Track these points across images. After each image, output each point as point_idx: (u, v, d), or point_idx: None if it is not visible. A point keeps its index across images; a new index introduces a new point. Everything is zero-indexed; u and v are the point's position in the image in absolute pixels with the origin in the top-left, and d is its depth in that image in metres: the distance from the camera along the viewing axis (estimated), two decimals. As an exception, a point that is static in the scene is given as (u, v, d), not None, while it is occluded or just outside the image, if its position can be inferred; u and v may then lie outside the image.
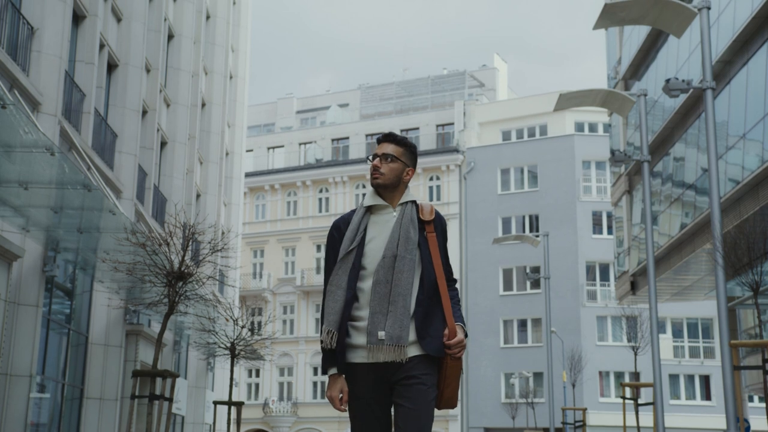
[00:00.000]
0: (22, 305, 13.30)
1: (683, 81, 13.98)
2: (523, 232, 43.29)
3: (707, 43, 13.55)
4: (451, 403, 3.71)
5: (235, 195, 32.35)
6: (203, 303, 16.16)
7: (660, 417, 16.20)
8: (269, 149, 52.88)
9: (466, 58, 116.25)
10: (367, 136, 50.26)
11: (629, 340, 24.79)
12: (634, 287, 26.48)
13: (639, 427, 19.69)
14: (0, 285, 12.41)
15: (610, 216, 39.91)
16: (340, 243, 3.74)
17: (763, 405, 33.39)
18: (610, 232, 40.56)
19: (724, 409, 13.08)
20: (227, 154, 31.08)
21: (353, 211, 3.82)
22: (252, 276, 48.61)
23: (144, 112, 20.33)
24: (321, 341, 3.68)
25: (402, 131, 48.04)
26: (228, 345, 18.71)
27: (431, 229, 3.76)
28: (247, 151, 46.08)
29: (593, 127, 45.87)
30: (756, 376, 20.13)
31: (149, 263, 12.95)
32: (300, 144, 52.16)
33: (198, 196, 26.63)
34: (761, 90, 16.78)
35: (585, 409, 26.24)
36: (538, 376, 41.19)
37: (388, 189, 3.78)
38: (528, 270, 42.54)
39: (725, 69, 18.26)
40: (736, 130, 17.85)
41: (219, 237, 15.28)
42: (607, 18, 13.71)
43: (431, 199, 46.17)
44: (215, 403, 19.97)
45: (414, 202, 3.81)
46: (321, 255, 47.96)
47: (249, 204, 49.43)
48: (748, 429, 17.33)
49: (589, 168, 44.03)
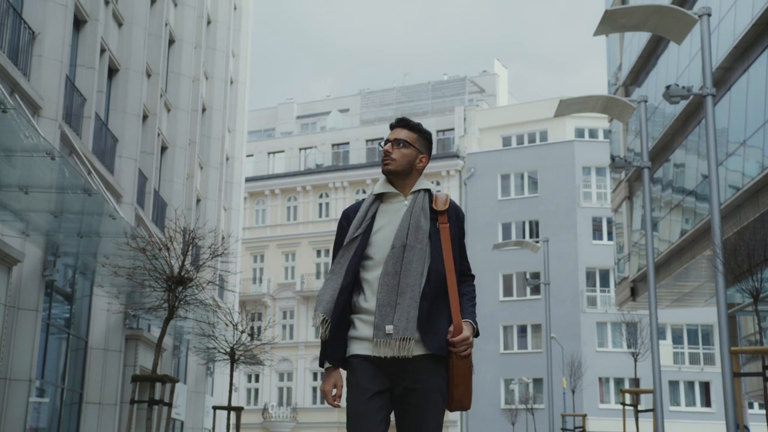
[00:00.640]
0: (21, 309, 13.29)
1: (683, 87, 13.98)
2: (523, 237, 43.27)
3: (707, 50, 13.56)
4: (464, 405, 3.49)
5: (236, 200, 32.36)
6: (203, 308, 16.14)
7: (660, 424, 16.17)
8: (269, 154, 52.90)
9: (466, 63, 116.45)
10: (368, 141, 50.29)
11: (629, 346, 24.74)
12: (634, 293, 26.47)
13: (639, 434, 19.63)
14: (0, 289, 12.40)
15: (610, 222, 39.92)
16: (347, 232, 3.58)
17: (764, 412, 33.30)
18: (610, 238, 40.55)
19: (724, 416, 13.07)
20: (227, 159, 31.09)
21: (364, 200, 3.66)
22: (252, 281, 48.59)
23: (144, 116, 20.34)
24: (316, 329, 3.59)
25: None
26: (227, 350, 18.69)
27: (444, 220, 3.56)
28: (248, 156, 46.09)
29: (593, 133, 45.90)
30: (756, 382, 20.09)
31: (149, 268, 12.93)
32: (300, 149, 52.19)
33: (198, 200, 26.63)
34: (761, 97, 16.79)
35: (585, 416, 26.20)
36: (537, 382, 41.15)
37: (399, 176, 3.59)
38: (528, 276, 42.48)
39: (725, 75, 18.27)
40: (736, 136, 17.85)
41: (219, 242, 15.27)
42: (608, 24, 13.71)
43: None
44: (215, 408, 19.94)
45: (428, 190, 3.62)
46: (321, 260, 47.96)
47: (249, 209, 49.44)
48: (748, 436, 17.29)
49: (590, 174, 44.04)
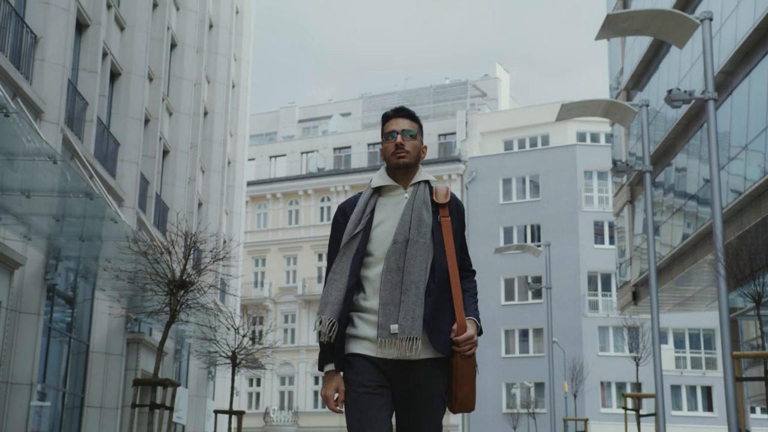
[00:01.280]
0: (23, 313, 13.30)
1: (685, 92, 13.99)
2: (525, 241, 43.25)
3: (709, 54, 13.56)
4: (467, 407, 3.35)
5: (237, 204, 32.38)
6: (204, 312, 16.15)
7: (662, 428, 16.15)
8: (271, 158, 52.93)
9: (468, 68, 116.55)
10: (369, 145, 50.31)
11: (631, 350, 24.72)
12: (635, 297, 26.45)
13: (640, 438, 19.62)
14: (1, 293, 12.41)
15: (611, 226, 39.90)
16: (344, 228, 3.42)
17: (766, 416, 33.30)
18: (611, 242, 40.53)
19: (726, 421, 13.04)
20: (229, 162, 31.11)
21: (360, 194, 3.50)
22: (253, 285, 48.58)
23: (146, 120, 20.36)
24: (319, 333, 3.33)
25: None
26: (229, 354, 18.68)
27: (445, 213, 3.42)
28: (249, 160, 46.11)
29: (595, 137, 45.89)
30: (758, 387, 20.07)
31: (151, 272, 12.94)
32: (302, 153, 52.21)
33: (200, 204, 26.64)
34: (763, 101, 16.79)
35: (586, 420, 26.17)
36: (539, 386, 41.10)
37: (409, 168, 3.43)
38: (529, 280, 42.51)
39: (727, 80, 18.27)
40: (738, 140, 17.85)
41: (220, 246, 15.28)
42: (609, 29, 13.72)
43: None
44: (216, 413, 19.92)
45: (427, 182, 3.47)
46: (323, 264, 47.95)
47: (250, 213, 49.44)
48: (750, 440, 17.26)
49: (591, 178, 44.03)
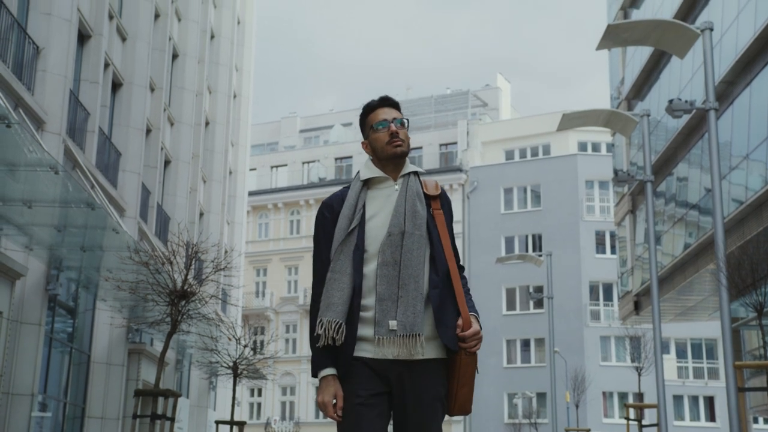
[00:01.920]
0: (24, 324, 13.29)
1: (686, 102, 14.00)
2: (526, 251, 43.22)
3: (710, 64, 13.58)
4: (466, 409, 3.20)
5: (238, 214, 32.39)
6: (206, 322, 16.13)
7: (664, 438, 16.09)
8: (272, 168, 52.97)
9: (469, 78, 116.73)
10: (371, 155, 50.32)
11: (633, 360, 24.65)
12: (637, 307, 26.41)
13: (643, 449, 19.54)
14: (2, 303, 12.40)
15: (613, 236, 39.86)
16: (332, 225, 3.23)
17: (768, 426, 33.17)
18: (613, 251, 40.48)
19: (728, 431, 12.99)
20: (230, 172, 31.14)
21: (346, 188, 3.32)
22: (255, 295, 48.55)
23: (148, 130, 20.39)
24: (316, 336, 3.12)
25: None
26: (230, 364, 18.65)
27: (437, 206, 3.30)
28: (251, 170, 46.15)
29: (596, 147, 45.91)
30: (761, 397, 20.02)
31: (152, 282, 12.93)
32: (303, 163, 52.25)
33: (201, 214, 26.65)
34: (764, 110, 16.80)
35: (588, 430, 26.09)
36: (541, 396, 41.00)
37: (403, 159, 3.30)
38: (531, 290, 42.46)
39: (728, 90, 18.29)
40: (739, 150, 17.86)
41: (222, 256, 15.28)
42: (610, 39, 13.75)
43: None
44: (217, 423, 19.86)
45: (416, 173, 3.33)
46: (324, 274, 47.86)
47: (252, 223, 49.46)
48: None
49: (592, 188, 44.03)
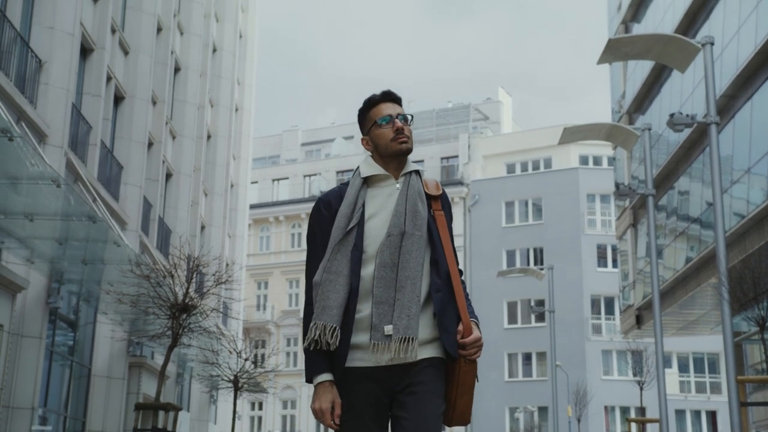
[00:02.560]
0: (25, 337, 13.27)
1: (687, 116, 14.02)
2: (528, 265, 43.17)
3: (711, 79, 13.60)
4: (464, 419, 3.05)
5: (240, 227, 32.39)
6: (207, 335, 16.11)
7: (666, 453, 16.02)
8: (274, 181, 53.02)
9: (470, 91, 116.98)
10: (372, 168, 50.37)
11: (635, 374, 24.60)
12: (639, 321, 26.36)
13: (645, 464, 19.48)
14: (3, 317, 12.39)
15: (614, 249, 39.83)
16: (329, 222, 3.07)
17: (771, 441, 33.03)
18: (614, 265, 40.44)
19: (731, 446, 12.93)
20: (232, 186, 31.17)
21: (344, 185, 3.16)
22: (256, 308, 48.49)
23: (150, 144, 20.43)
24: (310, 341, 2.95)
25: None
26: (231, 378, 18.63)
27: (438, 207, 3.16)
28: (252, 183, 46.20)
29: (597, 161, 45.95)
30: (764, 412, 19.95)
31: (153, 295, 12.94)
32: (305, 176, 52.32)
33: (203, 227, 26.66)
34: (766, 124, 16.82)
35: (590, 445, 25.97)
36: (542, 410, 40.86)
37: (406, 156, 3.15)
38: (532, 303, 42.37)
39: (729, 103, 18.32)
40: (740, 164, 17.86)
41: (223, 269, 15.28)
42: (611, 53, 13.77)
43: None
44: (218, 437, 19.83)
45: (418, 172, 3.18)
46: (325, 287, 47.78)
47: (253, 236, 49.46)
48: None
49: (594, 201, 44.03)
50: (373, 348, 2.92)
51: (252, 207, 45.30)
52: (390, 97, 3.19)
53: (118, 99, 18.90)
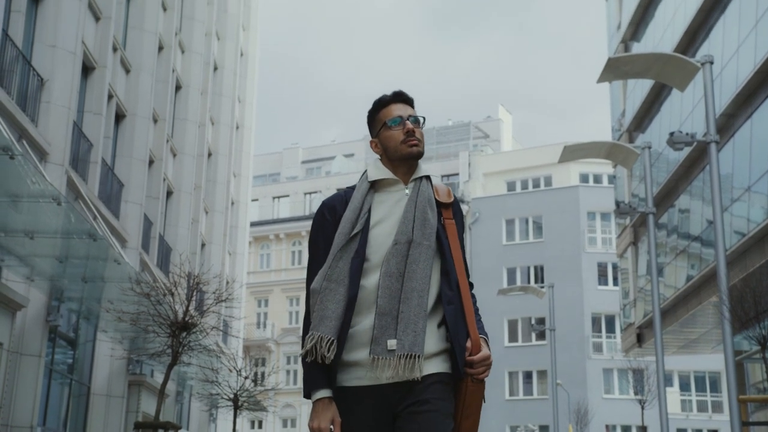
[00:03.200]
0: (24, 355, 13.23)
1: (687, 134, 14.05)
2: (528, 283, 43.11)
3: (711, 98, 13.63)
4: None
5: (240, 244, 32.39)
6: (206, 353, 16.08)
7: (668, 473, 15.94)
8: (274, 199, 53.06)
9: (471, 109, 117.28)
10: (373, 186, 50.45)
11: (636, 393, 24.54)
12: (640, 339, 26.29)
13: (647, 483, 19.39)
14: (3, 335, 12.36)
15: (615, 267, 39.79)
16: (333, 228, 2.89)
17: (773, 460, 32.85)
18: (615, 283, 40.39)
19: (733, 466, 12.86)
20: (232, 203, 31.19)
21: (350, 189, 3.00)
22: (256, 326, 48.38)
23: (150, 161, 20.46)
24: (305, 352, 2.79)
25: (407, 181, 48.17)
26: (231, 396, 18.57)
27: (449, 215, 2.98)
28: (253, 201, 46.24)
29: (598, 179, 46.00)
30: (765, 431, 19.84)
31: (153, 313, 12.92)
32: (305, 193, 52.36)
33: (203, 245, 26.65)
34: (766, 143, 16.85)
35: (592, 464, 25.86)
36: (543, 429, 40.68)
37: (417, 160, 2.97)
38: (533, 321, 42.29)
39: (729, 122, 18.35)
40: (741, 182, 17.88)
41: (223, 287, 15.27)
42: (611, 72, 13.82)
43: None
44: (217, 456, 19.74)
45: (429, 178, 2.99)
46: (325, 305, 47.70)
47: (254, 253, 49.43)
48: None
49: (594, 219, 44.04)
50: (373, 363, 2.72)
51: (252, 224, 45.31)
52: (401, 98, 3.02)
53: (119, 117, 18.95)
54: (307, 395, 2.79)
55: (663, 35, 24.09)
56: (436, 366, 2.78)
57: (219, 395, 19.40)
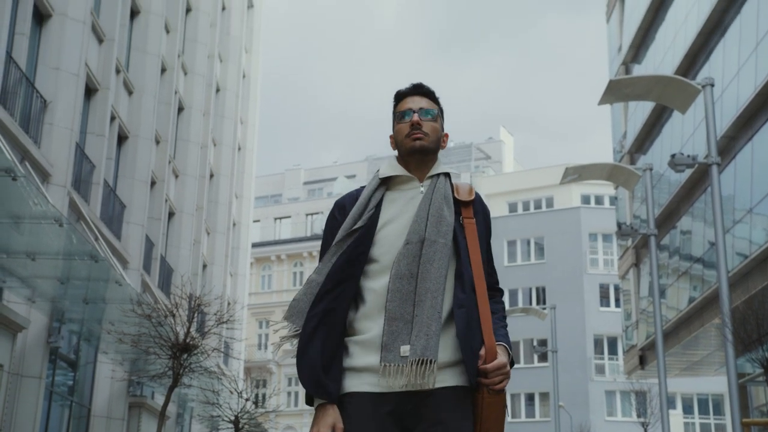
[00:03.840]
0: (25, 377, 13.19)
1: (688, 156, 14.07)
2: (530, 304, 43.02)
3: (711, 120, 13.67)
4: None
5: (242, 265, 32.36)
6: (207, 375, 16.02)
7: (671, 496, 15.82)
8: (276, 220, 53.07)
9: (472, 131, 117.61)
10: (374, 207, 50.47)
11: (639, 415, 24.41)
12: (642, 361, 26.18)
13: (650, 507, 19.24)
14: (4, 356, 12.33)
15: (617, 289, 39.71)
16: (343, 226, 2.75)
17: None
18: (617, 305, 40.30)
19: (737, 490, 12.77)
20: (234, 224, 31.20)
21: (363, 187, 2.84)
22: (257, 347, 48.24)
23: (152, 182, 20.49)
24: (283, 339, 2.68)
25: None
26: (232, 418, 18.47)
27: (469, 214, 2.76)
28: (254, 222, 46.24)
29: (599, 200, 46.01)
30: (769, 454, 19.70)
31: (154, 335, 12.90)
32: (307, 215, 52.38)
33: (204, 266, 26.62)
34: (767, 165, 16.86)
35: (594, 487, 25.68)
36: (546, 451, 40.45)
37: (427, 155, 2.78)
38: (535, 343, 42.15)
39: (730, 144, 18.38)
40: (742, 204, 17.88)
41: (225, 308, 15.24)
42: (612, 94, 13.86)
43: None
44: (217, 479, 19.62)
45: (448, 175, 2.82)
46: (327, 326, 47.58)
47: (255, 274, 49.37)
48: None
49: (596, 240, 44.01)
50: (385, 370, 2.52)
51: (254, 246, 45.28)
52: (418, 90, 2.84)
53: (121, 138, 19.00)
54: (310, 401, 2.63)
55: (664, 58, 24.19)
56: (452, 378, 2.57)
57: (220, 417, 19.29)
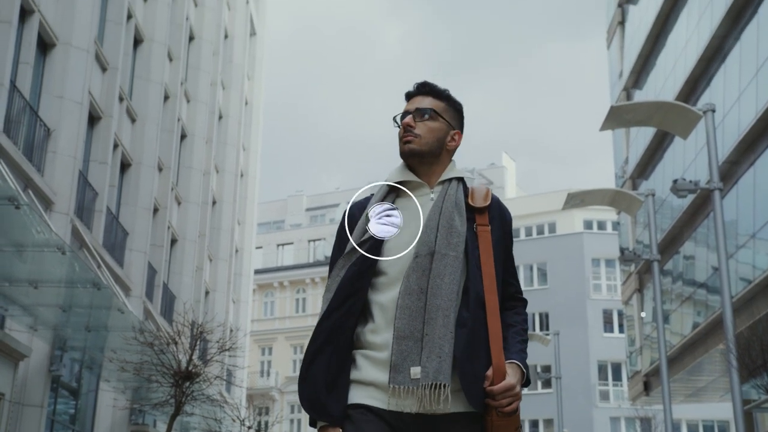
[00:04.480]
0: (26, 406, 13.14)
1: (690, 182, 14.07)
2: (533, 330, 42.84)
3: (713, 145, 13.68)
4: None
5: (244, 292, 32.31)
6: (210, 403, 15.94)
7: None
8: (278, 246, 53.05)
9: (474, 157, 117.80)
10: (377, 233, 50.44)
11: (644, 442, 24.20)
12: (647, 387, 26.03)
13: None
14: (5, 385, 12.29)
15: (621, 314, 39.57)
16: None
17: None
18: (621, 330, 40.13)
19: None
20: (237, 251, 31.19)
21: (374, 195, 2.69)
22: (260, 374, 48.02)
23: (155, 209, 20.52)
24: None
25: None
26: (234, 447, 18.35)
27: (484, 221, 2.57)
28: (257, 248, 46.22)
29: (602, 225, 45.98)
30: (776, 481, 19.54)
31: (156, 363, 12.86)
32: (309, 241, 52.36)
33: (207, 293, 26.58)
34: (769, 190, 16.86)
35: None
36: (551, 479, 40.11)
37: (424, 159, 2.59)
38: (539, 369, 41.93)
39: (732, 169, 18.40)
40: (745, 229, 17.86)
41: (227, 336, 15.19)
42: (614, 120, 13.89)
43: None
44: (219, 508, 19.44)
45: (461, 179, 2.64)
46: (329, 353, 47.37)
47: (257, 301, 49.26)
48: None
49: (599, 266, 43.92)
50: (394, 392, 2.38)
51: (256, 272, 45.22)
52: (421, 90, 2.65)
53: (124, 166, 19.06)
54: (313, 423, 2.49)
55: (665, 83, 24.27)
56: (461, 404, 2.41)
57: (222, 445, 19.18)
